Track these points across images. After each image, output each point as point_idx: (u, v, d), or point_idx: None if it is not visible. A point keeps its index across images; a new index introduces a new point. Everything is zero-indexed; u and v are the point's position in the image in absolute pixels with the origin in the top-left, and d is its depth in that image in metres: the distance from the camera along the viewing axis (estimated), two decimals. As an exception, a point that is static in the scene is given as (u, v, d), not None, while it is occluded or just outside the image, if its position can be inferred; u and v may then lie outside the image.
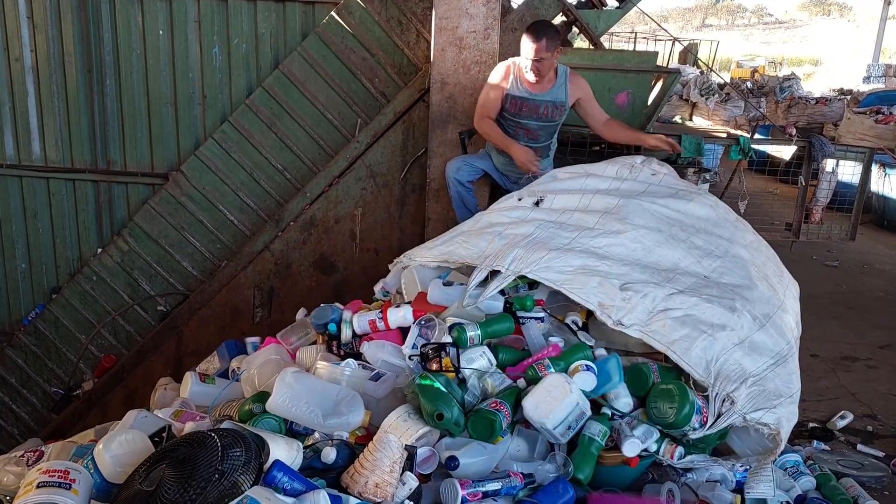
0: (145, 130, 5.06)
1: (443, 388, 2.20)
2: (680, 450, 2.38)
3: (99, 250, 5.26)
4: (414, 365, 2.40)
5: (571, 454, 2.20)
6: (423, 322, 2.56)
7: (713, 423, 2.28)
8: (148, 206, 5.10)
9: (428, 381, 2.19)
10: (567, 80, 3.82)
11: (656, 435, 2.26)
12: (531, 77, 3.68)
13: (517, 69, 3.76)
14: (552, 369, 2.35)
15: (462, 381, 2.35)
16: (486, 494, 2.04)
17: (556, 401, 2.16)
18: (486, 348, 2.45)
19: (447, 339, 2.45)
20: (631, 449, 2.16)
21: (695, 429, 2.25)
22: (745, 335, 2.52)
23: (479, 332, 2.43)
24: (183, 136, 5.05)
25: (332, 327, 2.76)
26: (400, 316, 2.64)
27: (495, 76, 3.82)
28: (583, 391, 2.24)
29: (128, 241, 5.17)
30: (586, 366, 2.29)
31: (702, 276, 2.76)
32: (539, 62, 3.61)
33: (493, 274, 2.69)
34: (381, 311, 2.68)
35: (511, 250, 2.70)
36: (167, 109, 5.00)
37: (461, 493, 1.98)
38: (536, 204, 3.13)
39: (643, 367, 2.44)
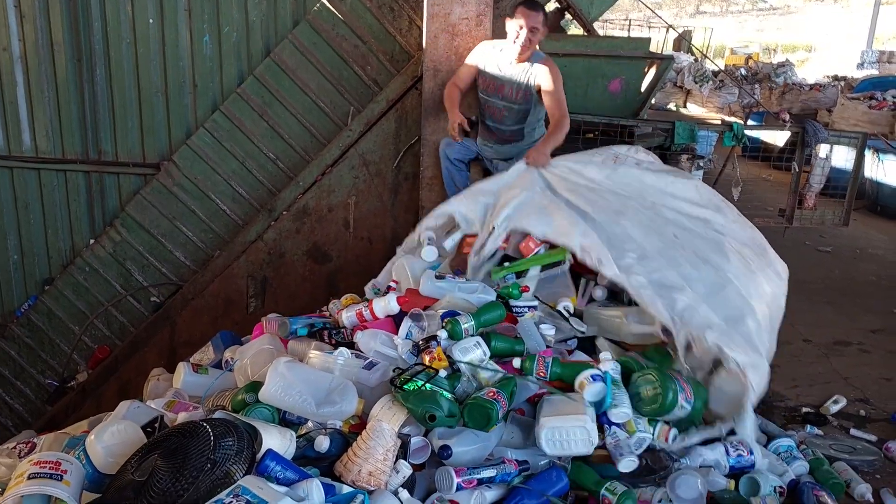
0: (136, 120, 5.02)
1: (426, 387, 2.18)
2: (673, 431, 2.39)
3: (91, 241, 5.23)
4: (407, 356, 2.39)
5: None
6: (414, 314, 2.57)
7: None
8: (140, 196, 5.07)
9: (409, 386, 2.18)
10: (535, 64, 3.73)
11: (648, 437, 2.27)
12: (516, 49, 3.65)
13: (496, 48, 3.81)
14: (549, 368, 2.37)
15: (455, 371, 2.35)
16: (480, 481, 2.04)
17: (571, 444, 2.16)
18: (479, 339, 2.45)
19: (440, 330, 2.46)
20: (627, 466, 2.15)
21: (683, 407, 2.27)
22: (710, 293, 2.67)
23: (472, 322, 2.43)
24: (174, 126, 5.01)
25: (302, 332, 2.76)
26: (384, 304, 2.65)
27: (475, 50, 3.92)
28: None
29: (120, 231, 5.15)
30: (593, 376, 2.27)
31: (674, 241, 2.92)
32: (532, 32, 3.60)
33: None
34: (366, 303, 2.68)
35: (503, 210, 2.95)
36: (158, 99, 4.96)
37: (456, 480, 1.98)
38: None
39: (630, 361, 2.45)
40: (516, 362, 2.40)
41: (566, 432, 2.14)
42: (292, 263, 4.97)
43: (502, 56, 3.76)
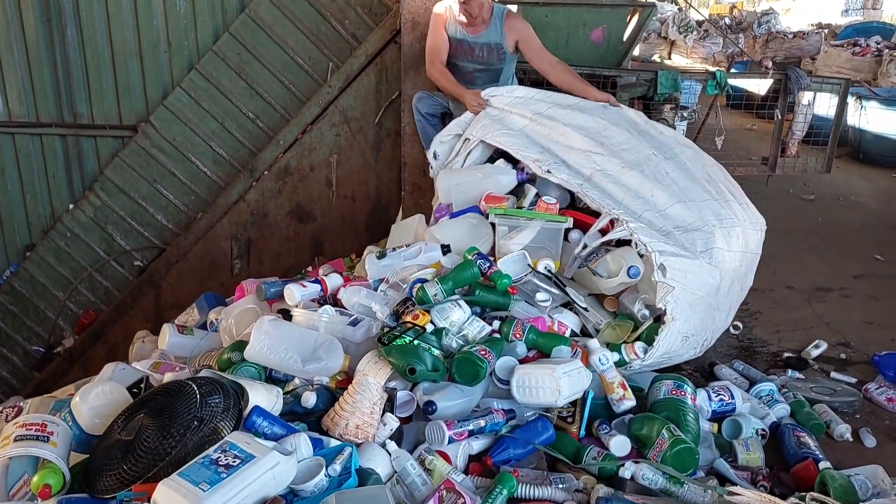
0: (111, 81, 4.91)
1: (412, 342, 2.20)
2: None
3: (71, 206, 5.16)
4: (388, 319, 2.39)
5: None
6: (388, 282, 2.59)
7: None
8: (118, 159, 4.98)
9: (398, 342, 2.19)
10: (502, 21, 3.64)
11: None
12: (463, 18, 3.59)
13: (454, 13, 3.65)
14: (526, 334, 2.39)
15: (439, 328, 2.36)
16: (471, 432, 2.07)
17: (539, 391, 2.18)
18: (458, 298, 2.46)
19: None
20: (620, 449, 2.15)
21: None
22: (661, 208, 2.82)
23: (440, 287, 2.43)
24: (150, 86, 4.90)
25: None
26: (334, 282, 2.68)
27: (436, 19, 3.71)
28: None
29: (100, 195, 5.07)
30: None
31: (645, 157, 3.08)
32: (467, 3, 3.51)
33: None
34: (320, 288, 2.66)
35: (476, 127, 3.33)
36: (132, 59, 4.84)
37: (448, 433, 2.00)
38: None
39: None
40: (494, 324, 2.41)
41: (534, 379, 2.17)
42: (276, 224, 4.94)
43: (461, 21, 3.65)
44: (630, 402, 2.28)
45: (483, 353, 2.22)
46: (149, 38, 4.79)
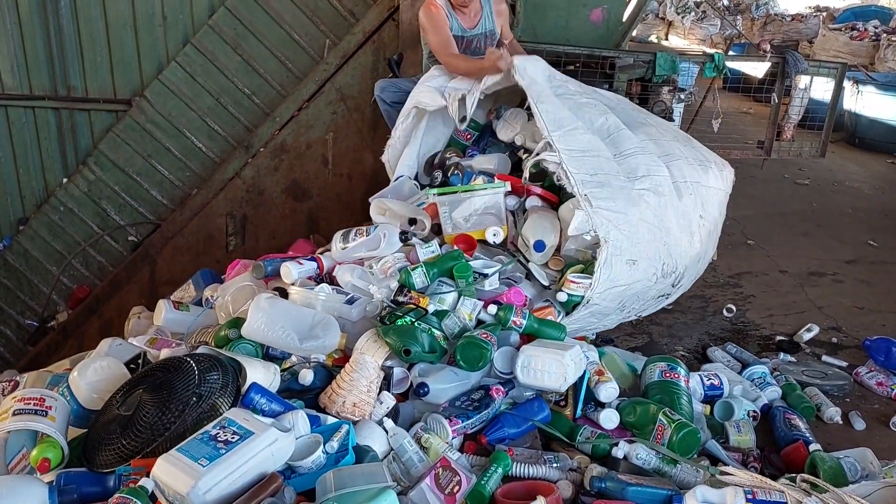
0: (105, 54, 4.85)
1: (412, 324, 2.21)
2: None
3: (64, 180, 5.13)
4: (385, 297, 2.40)
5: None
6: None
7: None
8: (112, 133, 4.95)
9: (400, 322, 2.20)
10: (491, 6, 3.58)
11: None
12: (463, 13, 3.48)
13: (445, 7, 3.48)
14: (526, 320, 2.37)
15: (442, 311, 2.37)
16: (473, 425, 2.08)
17: (544, 375, 2.19)
18: (447, 281, 2.47)
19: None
20: (608, 422, 2.19)
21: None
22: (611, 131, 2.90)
23: (425, 271, 2.44)
24: (145, 60, 4.86)
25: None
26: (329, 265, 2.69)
27: (435, 19, 3.45)
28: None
29: (93, 170, 5.04)
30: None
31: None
32: None
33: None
34: (316, 266, 2.66)
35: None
36: (127, 32, 4.79)
37: (450, 430, 2.01)
38: None
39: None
40: (491, 308, 2.43)
41: (541, 362, 2.17)
42: (272, 201, 4.92)
43: (456, 13, 3.51)
44: (608, 382, 2.27)
45: (485, 336, 2.22)
46: (143, 10, 4.73)
